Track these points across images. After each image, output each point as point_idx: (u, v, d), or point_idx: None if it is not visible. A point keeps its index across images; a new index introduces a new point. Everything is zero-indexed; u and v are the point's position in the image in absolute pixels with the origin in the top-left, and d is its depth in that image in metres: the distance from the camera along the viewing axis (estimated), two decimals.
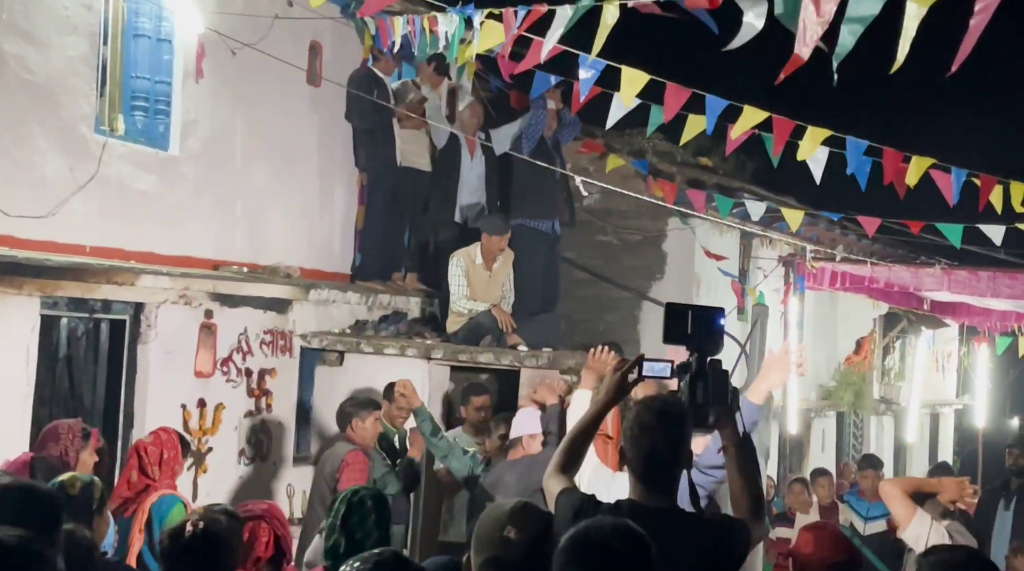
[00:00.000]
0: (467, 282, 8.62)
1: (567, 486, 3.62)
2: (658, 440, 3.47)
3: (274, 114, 8.42)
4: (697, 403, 3.52)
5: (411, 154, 9.45)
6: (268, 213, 8.41)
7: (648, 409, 3.54)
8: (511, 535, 2.99)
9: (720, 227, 10.91)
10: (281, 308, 8.06)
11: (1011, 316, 12.08)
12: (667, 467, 3.51)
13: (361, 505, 4.04)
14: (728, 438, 3.59)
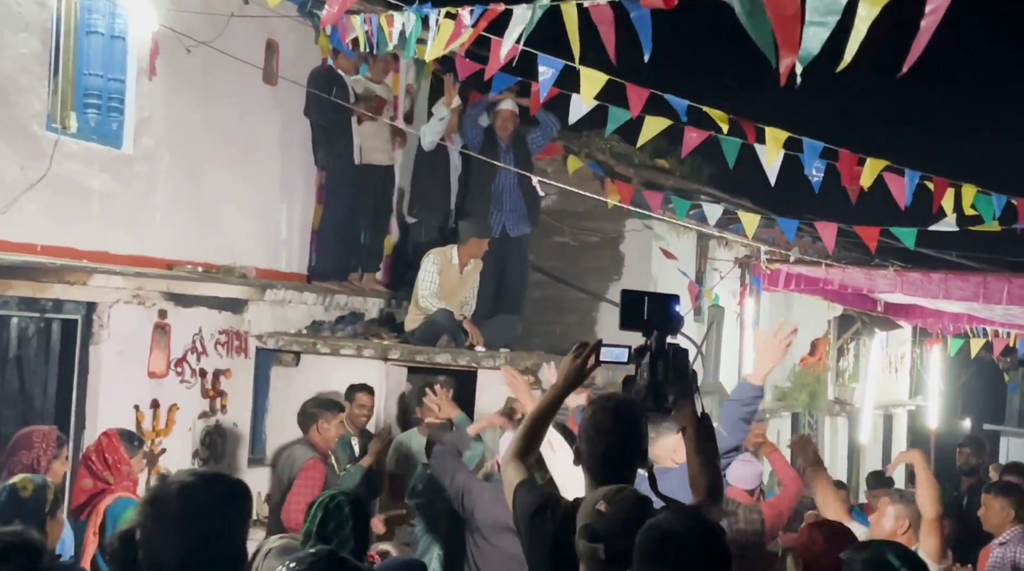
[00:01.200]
0: (439, 281, 8.61)
1: (525, 477, 3.65)
2: (612, 441, 3.51)
3: (230, 113, 8.35)
4: (657, 382, 3.53)
5: (371, 150, 9.43)
6: (223, 212, 8.34)
7: (603, 410, 3.57)
8: (602, 509, 3.29)
9: (677, 229, 10.97)
10: (236, 308, 8.00)
11: (963, 318, 12.23)
12: (622, 468, 3.54)
13: (339, 511, 3.99)
14: (686, 419, 3.61)
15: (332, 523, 3.94)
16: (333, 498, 4.06)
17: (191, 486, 2.90)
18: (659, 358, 3.55)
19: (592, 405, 3.65)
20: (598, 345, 3.64)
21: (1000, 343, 14.16)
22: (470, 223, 8.95)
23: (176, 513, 2.84)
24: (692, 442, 3.63)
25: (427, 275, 8.62)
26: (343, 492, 4.21)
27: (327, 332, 8.64)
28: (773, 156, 6.85)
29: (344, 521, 3.96)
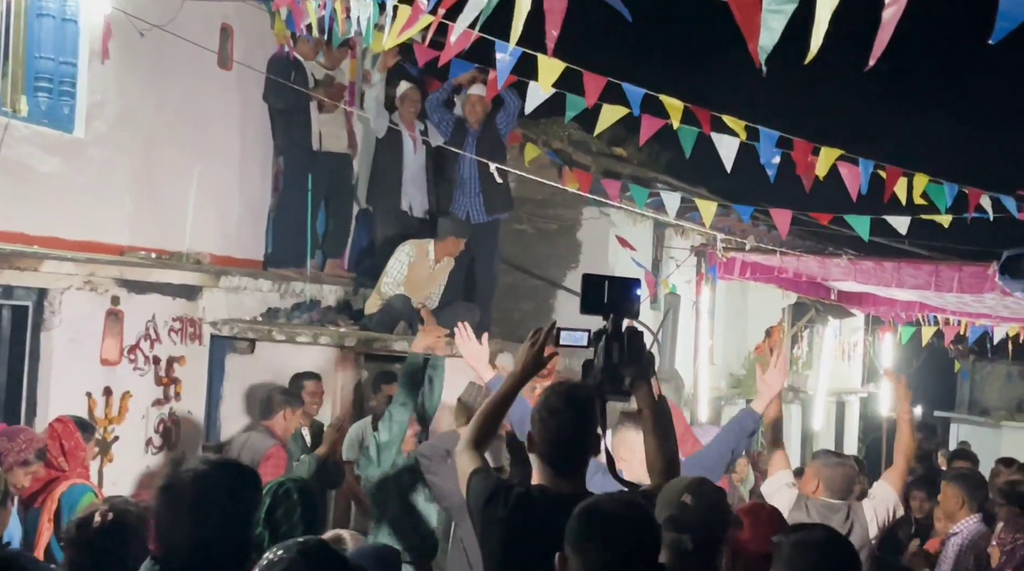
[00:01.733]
0: (407, 272, 8.58)
1: (480, 466, 3.62)
2: (565, 424, 3.49)
3: (184, 97, 8.26)
4: (612, 364, 3.54)
5: (329, 136, 9.38)
6: (177, 198, 8.25)
7: (556, 393, 3.57)
8: (687, 500, 3.46)
9: (634, 217, 11.00)
10: (190, 295, 7.92)
11: (915, 306, 12.37)
12: (575, 451, 3.53)
13: (287, 497, 3.95)
14: (643, 401, 3.62)
15: (281, 510, 3.91)
16: (281, 485, 4.02)
17: (205, 473, 2.98)
18: (615, 340, 3.56)
19: (546, 389, 3.66)
20: (553, 329, 3.65)
21: (951, 331, 14.36)
22: (452, 221, 8.94)
23: (191, 499, 2.90)
24: (649, 424, 3.64)
25: (398, 264, 8.60)
26: (291, 479, 4.18)
27: (283, 319, 8.59)
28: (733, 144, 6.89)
29: (293, 507, 3.93)
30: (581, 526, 2.74)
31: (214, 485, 2.97)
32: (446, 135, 9.25)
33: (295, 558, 2.64)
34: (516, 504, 3.48)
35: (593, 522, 2.74)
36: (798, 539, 3.15)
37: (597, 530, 2.72)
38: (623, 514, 2.76)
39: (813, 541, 3.14)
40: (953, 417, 23.12)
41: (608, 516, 2.74)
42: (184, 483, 2.95)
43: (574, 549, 2.73)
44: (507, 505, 3.48)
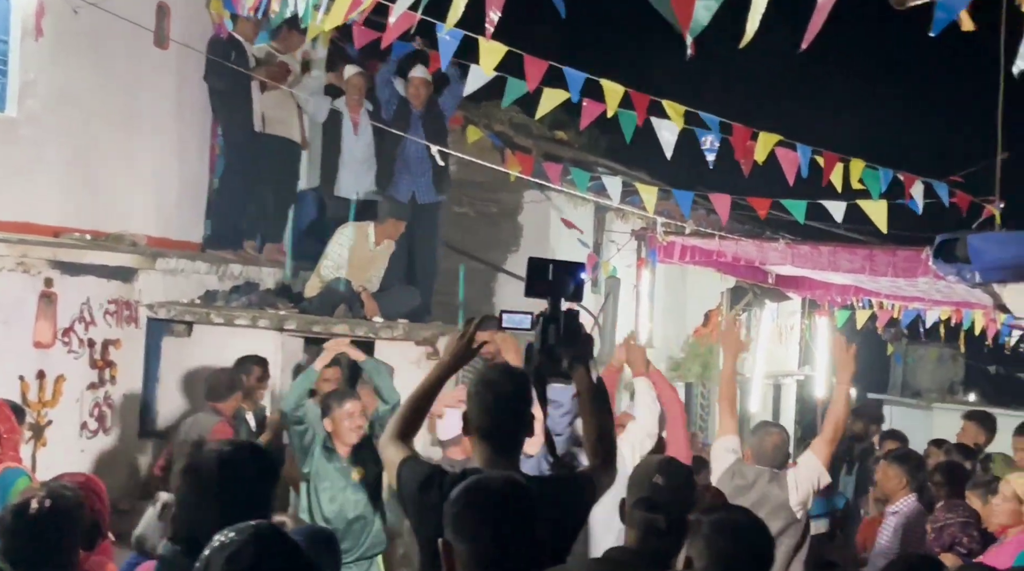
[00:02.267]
0: (348, 255, 8.53)
1: (409, 455, 3.58)
2: (502, 394, 3.47)
3: (120, 76, 8.11)
4: (549, 345, 3.55)
5: (275, 120, 9.29)
6: (113, 178, 8.12)
7: (491, 369, 3.60)
8: (659, 481, 3.50)
9: (575, 200, 11.03)
10: (126, 277, 7.81)
11: (850, 290, 12.56)
12: (512, 423, 3.51)
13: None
14: (581, 383, 3.62)
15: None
16: None
17: (231, 455, 2.98)
18: (552, 322, 3.57)
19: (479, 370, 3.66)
20: (484, 319, 3.66)
21: (885, 315, 14.60)
22: (392, 203, 8.90)
23: (217, 481, 2.91)
24: (586, 406, 3.65)
25: (338, 247, 8.55)
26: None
27: (221, 302, 8.50)
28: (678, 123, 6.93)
29: None
30: (461, 508, 2.68)
31: (239, 466, 2.97)
32: (388, 114, 9.20)
33: (248, 540, 2.56)
34: (450, 488, 3.46)
35: (474, 503, 2.68)
36: (718, 519, 3.17)
37: (479, 511, 2.67)
38: (505, 492, 2.72)
39: (732, 521, 3.16)
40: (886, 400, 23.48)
41: (489, 495, 2.70)
42: (210, 465, 2.94)
43: (456, 533, 2.67)
44: (442, 490, 3.46)
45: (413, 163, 9.23)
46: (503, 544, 2.62)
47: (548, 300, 3.61)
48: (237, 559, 2.48)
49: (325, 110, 9.42)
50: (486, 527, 2.63)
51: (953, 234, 4.65)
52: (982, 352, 18.93)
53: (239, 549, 2.51)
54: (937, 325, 14.66)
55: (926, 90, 24.91)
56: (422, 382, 3.76)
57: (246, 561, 2.47)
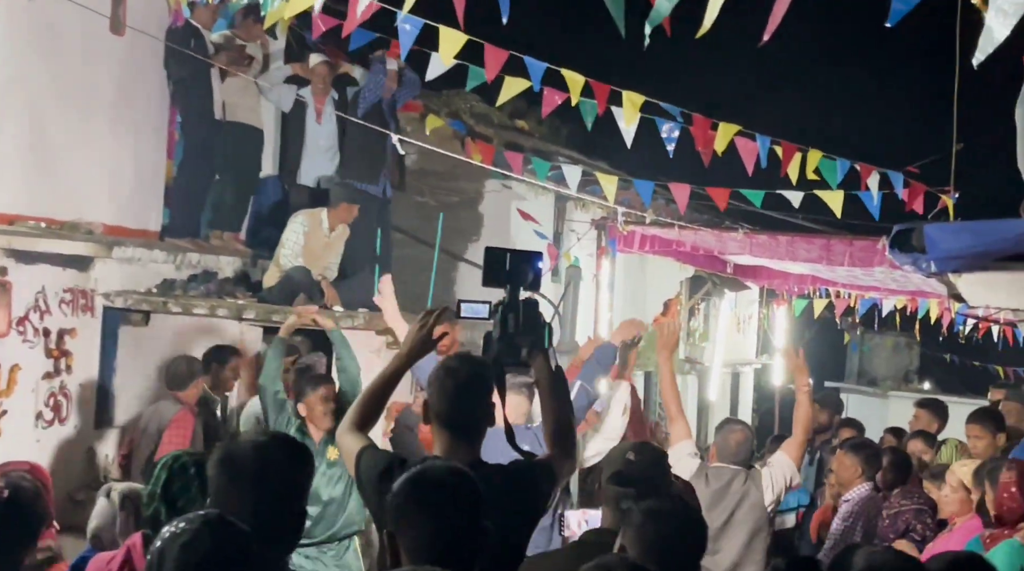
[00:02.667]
0: (304, 242, 8.50)
1: (367, 444, 3.58)
2: (462, 381, 3.48)
3: (75, 63, 7.99)
4: (508, 334, 3.56)
5: (239, 107, 9.22)
6: (69, 166, 8.01)
7: (452, 357, 3.60)
8: (631, 457, 3.77)
9: (535, 190, 11.03)
10: (82, 266, 7.72)
11: (807, 279, 12.66)
12: (473, 411, 3.52)
13: (183, 471, 3.81)
14: (540, 371, 3.63)
15: (177, 483, 3.79)
16: (177, 459, 3.89)
17: (265, 444, 3.03)
18: (511, 311, 3.58)
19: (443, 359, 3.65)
20: (444, 311, 3.66)
21: (841, 304, 14.73)
22: (343, 188, 8.86)
23: (253, 470, 2.95)
24: (546, 394, 3.66)
25: (293, 235, 8.53)
26: (187, 452, 4.08)
27: (179, 291, 8.43)
28: (631, 119, 6.95)
29: (190, 481, 3.79)
30: (403, 499, 2.66)
31: (274, 456, 3.01)
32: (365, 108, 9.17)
33: (199, 530, 2.64)
34: None
35: (416, 493, 2.66)
36: (648, 507, 3.17)
37: (419, 501, 2.65)
38: (446, 481, 2.70)
39: (663, 509, 3.17)
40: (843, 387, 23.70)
41: (432, 485, 2.68)
42: (246, 454, 2.98)
43: (398, 524, 2.65)
44: None
45: (384, 156, 9.26)
46: (444, 534, 2.61)
47: (506, 289, 3.62)
48: (192, 547, 2.57)
49: (291, 99, 9.36)
50: (427, 517, 2.61)
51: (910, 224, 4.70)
52: (937, 341, 19.17)
53: (192, 539, 2.59)
54: (893, 313, 14.81)
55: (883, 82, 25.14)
56: (380, 373, 3.76)
57: (201, 549, 2.56)
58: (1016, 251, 4.37)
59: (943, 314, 13.56)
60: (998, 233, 4.35)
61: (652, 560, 3.01)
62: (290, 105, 9.40)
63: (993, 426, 7.10)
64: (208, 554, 2.59)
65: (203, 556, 2.59)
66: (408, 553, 2.60)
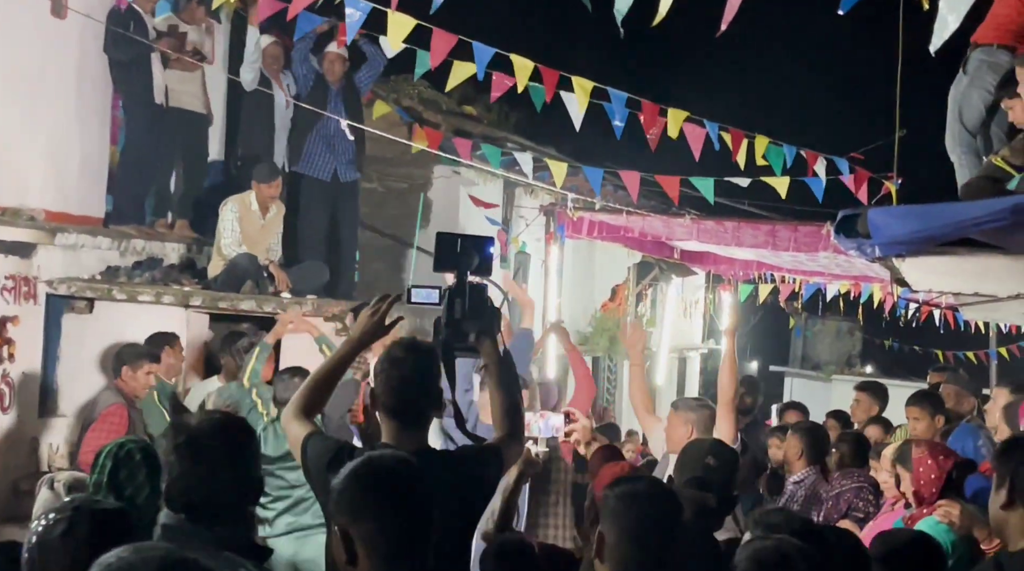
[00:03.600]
0: (240, 228, 8.42)
1: (313, 430, 3.55)
2: (407, 372, 3.45)
3: (14, 47, 7.82)
4: (455, 319, 3.55)
5: (183, 94, 9.09)
6: (10, 151, 7.84)
7: (397, 345, 3.55)
8: (711, 462, 3.88)
9: (484, 176, 11.01)
10: (24, 252, 7.58)
11: (753, 265, 12.78)
12: (418, 400, 3.49)
13: (129, 459, 3.80)
14: (488, 356, 3.63)
15: (124, 471, 3.77)
16: (122, 446, 3.87)
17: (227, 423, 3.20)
18: (458, 296, 3.57)
19: (389, 345, 3.62)
20: (396, 298, 3.64)
21: (786, 289, 14.89)
22: (259, 167, 8.77)
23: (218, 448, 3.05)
24: (494, 378, 3.65)
25: (226, 223, 8.44)
26: (131, 440, 4.03)
27: (123, 278, 8.31)
28: (582, 105, 6.96)
29: (136, 468, 3.79)
30: (354, 490, 2.56)
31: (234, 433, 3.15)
32: (304, 90, 9.10)
33: (72, 516, 2.77)
34: None
35: (368, 484, 2.57)
36: (622, 491, 3.15)
37: (377, 492, 2.56)
38: (399, 470, 2.62)
39: (637, 492, 3.15)
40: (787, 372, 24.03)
41: (386, 475, 2.60)
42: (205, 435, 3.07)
43: (352, 517, 2.55)
44: None
45: (336, 141, 9.14)
46: (402, 524, 2.55)
47: (455, 274, 3.60)
48: (71, 533, 2.73)
49: (255, 79, 9.23)
50: (384, 508, 2.55)
51: (854, 210, 4.74)
52: (879, 326, 19.45)
53: (70, 525, 2.76)
54: (836, 298, 14.99)
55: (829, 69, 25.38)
56: (329, 358, 3.76)
57: (82, 532, 2.73)
58: (958, 236, 4.43)
59: (886, 298, 13.75)
60: (941, 218, 4.40)
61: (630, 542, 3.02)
62: (254, 84, 9.24)
63: (932, 408, 7.21)
64: (90, 535, 2.73)
65: (86, 538, 2.72)
66: (365, 545, 2.52)
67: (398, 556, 2.51)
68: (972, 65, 5.94)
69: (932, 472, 5.00)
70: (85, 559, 2.55)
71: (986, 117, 5.90)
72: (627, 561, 3.01)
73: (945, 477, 4.98)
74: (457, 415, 3.67)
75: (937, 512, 4.82)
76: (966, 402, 7.96)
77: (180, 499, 3.00)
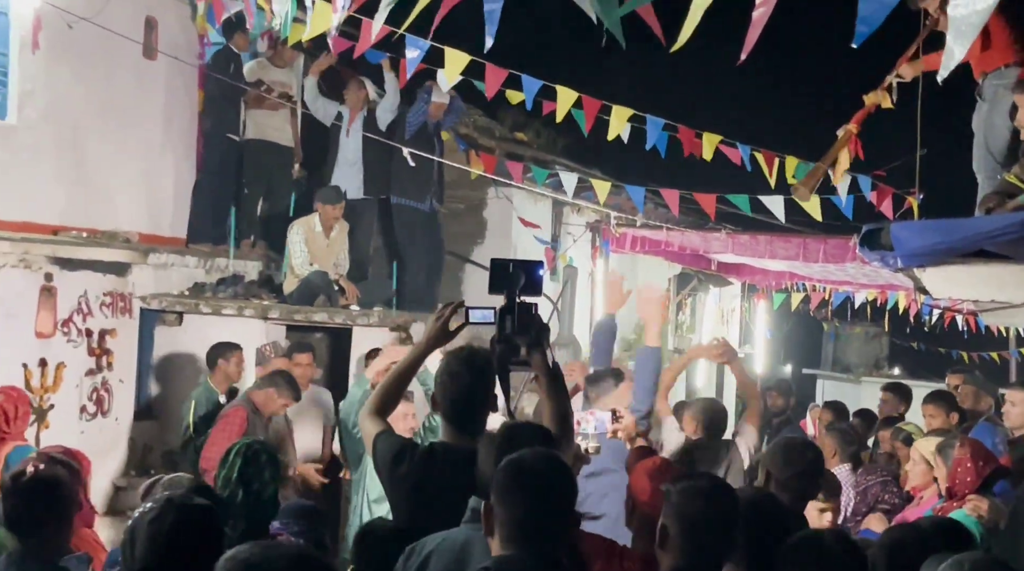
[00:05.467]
0: (307, 249, 8.53)
1: (384, 428, 3.67)
2: (463, 386, 3.57)
3: (111, 85, 8.07)
4: (507, 334, 3.60)
5: (268, 127, 9.25)
6: (106, 180, 8.08)
7: (456, 359, 3.65)
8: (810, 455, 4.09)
9: (534, 196, 11.06)
10: (120, 271, 7.78)
11: (785, 275, 12.68)
12: (472, 409, 3.61)
13: (256, 458, 3.95)
14: (538, 368, 3.66)
15: (252, 469, 3.90)
16: (250, 446, 4.02)
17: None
18: (508, 314, 3.63)
19: (447, 355, 3.70)
20: (459, 305, 3.70)
21: (817, 297, 14.75)
22: (322, 191, 8.88)
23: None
24: (544, 389, 3.69)
25: (294, 246, 8.57)
26: (258, 441, 4.19)
27: (208, 293, 8.47)
28: (616, 130, 7.01)
29: (263, 467, 3.93)
30: (506, 479, 2.76)
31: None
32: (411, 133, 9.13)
33: (163, 507, 2.85)
34: (420, 460, 3.54)
35: (517, 474, 2.76)
36: (685, 487, 3.14)
37: (521, 481, 2.74)
38: (543, 467, 2.78)
39: (699, 488, 3.14)
40: (819, 374, 23.76)
41: (530, 469, 2.77)
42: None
43: (500, 500, 2.75)
44: (412, 461, 3.53)
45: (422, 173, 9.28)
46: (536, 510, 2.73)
47: (506, 295, 3.66)
48: (157, 522, 2.80)
49: (332, 113, 9.35)
50: (523, 494, 2.73)
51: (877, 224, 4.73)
52: (905, 330, 19.19)
53: (158, 514, 2.83)
54: (865, 306, 14.83)
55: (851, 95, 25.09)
56: (400, 363, 3.85)
57: (166, 522, 2.80)
58: (974, 248, 4.41)
59: (910, 305, 13.57)
60: (958, 231, 4.39)
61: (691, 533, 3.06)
62: (331, 119, 9.37)
63: (946, 406, 7.14)
64: (172, 526, 2.80)
65: (168, 527, 2.80)
66: (502, 527, 2.73)
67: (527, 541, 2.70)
68: (988, 92, 5.86)
69: (969, 475, 4.96)
70: (165, 545, 2.79)
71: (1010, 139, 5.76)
72: (688, 551, 3.05)
73: (980, 482, 4.95)
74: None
75: (967, 506, 4.79)
76: (984, 401, 7.85)
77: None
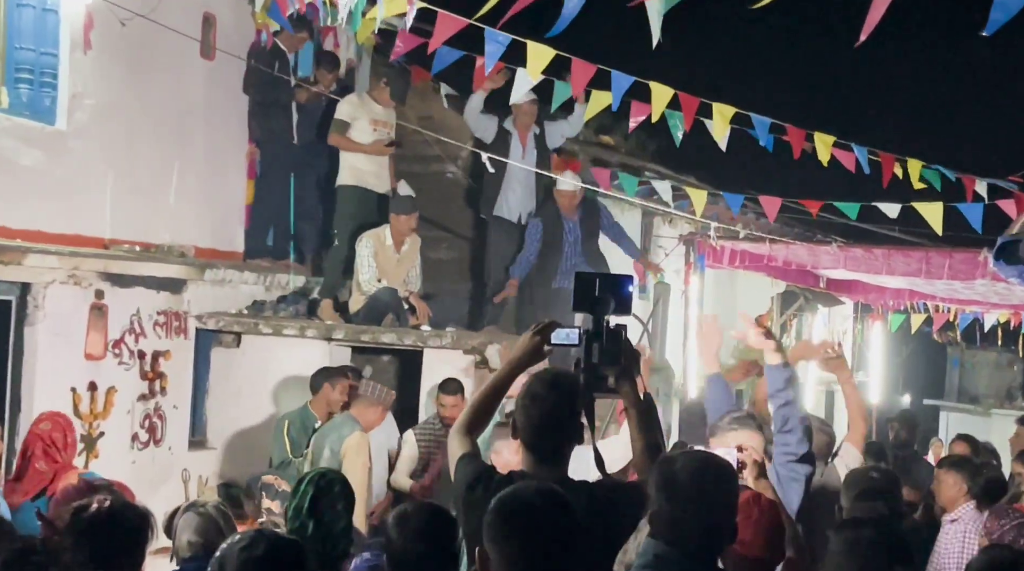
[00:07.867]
0: (376, 263, 8.54)
1: (469, 451, 3.65)
2: (546, 410, 3.49)
3: (167, 87, 8.21)
4: (592, 363, 3.55)
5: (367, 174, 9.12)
6: (161, 190, 8.22)
7: (539, 380, 3.57)
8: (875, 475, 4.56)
9: (622, 206, 10.98)
10: (175, 288, 7.90)
11: (904, 294, 12.42)
12: (555, 437, 3.53)
13: (329, 489, 4.08)
14: (627, 398, 3.61)
15: (324, 500, 4.04)
16: (324, 476, 4.16)
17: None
18: (595, 340, 3.57)
19: (530, 377, 3.66)
20: (552, 325, 3.65)
21: (940, 318, 14.41)
22: (395, 199, 8.88)
23: None
24: (634, 422, 3.63)
25: (363, 259, 8.54)
26: (331, 471, 4.32)
27: (269, 312, 8.56)
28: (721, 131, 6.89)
29: (336, 499, 4.07)
30: (497, 519, 2.69)
31: None
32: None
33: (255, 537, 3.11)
34: (496, 489, 3.49)
35: (509, 514, 2.69)
36: (846, 536, 3.39)
37: (513, 521, 2.67)
38: (538, 504, 2.71)
39: (858, 538, 3.36)
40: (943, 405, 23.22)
41: (524, 507, 2.69)
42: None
43: (493, 543, 2.67)
44: (488, 489, 3.49)
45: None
46: (533, 554, 2.63)
47: (592, 316, 3.60)
48: (248, 550, 3.04)
49: (493, 130, 9.36)
50: (516, 537, 2.65)
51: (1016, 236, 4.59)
52: None
53: (250, 543, 3.07)
54: (995, 328, 14.44)
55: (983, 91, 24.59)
56: (491, 380, 3.82)
57: (257, 552, 3.04)
58: None
59: None
60: None
61: None
62: (491, 137, 9.36)
63: None
64: (262, 556, 3.04)
65: (260, 557, 3.03)
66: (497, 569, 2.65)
67: None
68: None
69: None
70: None
71: None
72: None
73: None
74: (597, 456, 3.66)
75: None
76: None
77: None
